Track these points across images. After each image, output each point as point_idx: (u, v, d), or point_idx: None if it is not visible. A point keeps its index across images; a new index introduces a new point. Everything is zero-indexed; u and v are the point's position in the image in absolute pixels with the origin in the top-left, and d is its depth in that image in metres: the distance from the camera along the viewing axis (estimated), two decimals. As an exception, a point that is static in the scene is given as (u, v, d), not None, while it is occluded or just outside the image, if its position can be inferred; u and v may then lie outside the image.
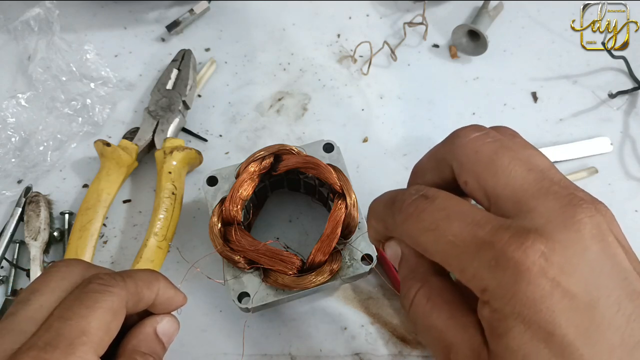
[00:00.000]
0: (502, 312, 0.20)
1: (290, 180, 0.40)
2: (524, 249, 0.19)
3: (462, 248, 0.21)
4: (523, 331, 0.19)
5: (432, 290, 0.24)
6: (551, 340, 0.19)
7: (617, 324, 0.19)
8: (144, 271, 0.28)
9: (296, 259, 0.34)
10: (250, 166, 0.37)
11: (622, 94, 0.47)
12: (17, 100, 0.45)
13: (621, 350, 0.19)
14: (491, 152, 0.23)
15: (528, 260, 0.19)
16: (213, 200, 0.37)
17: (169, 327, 0.28)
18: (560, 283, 0.19)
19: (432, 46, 0.51)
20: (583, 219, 0.20)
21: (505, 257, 0.20)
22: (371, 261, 0.35)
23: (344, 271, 0.35)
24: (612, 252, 0.20)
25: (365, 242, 0.36)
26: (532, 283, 0.19)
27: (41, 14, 0.48)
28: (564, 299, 0.19)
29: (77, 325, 0.23)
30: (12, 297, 0.39)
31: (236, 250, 0.35)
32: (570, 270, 0.20)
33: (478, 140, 0.24)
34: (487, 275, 0.20)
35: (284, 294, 0.35)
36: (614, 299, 0.20)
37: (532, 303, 0.19)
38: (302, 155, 0.38)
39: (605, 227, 0.21)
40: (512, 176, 0.22)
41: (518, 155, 0.23)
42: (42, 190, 0.43)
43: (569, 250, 0.20)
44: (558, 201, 0.21)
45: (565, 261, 0.20)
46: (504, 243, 0.20)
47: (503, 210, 0.22)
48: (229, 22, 0.51)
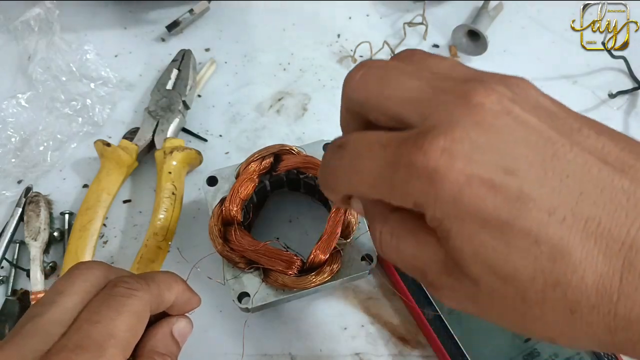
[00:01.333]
0: (436, 218, 0.20)
1: (290, 180, 0.40)
2: (424, 152, 0.19)
3: (382, 179, 0.21)
4: (460, 228, 0.20)
5: (394, 225, 0.24)
6: (488, 225, 0.19)
7: (548, 188, 0.19)
8: (165, 274, 0.29)
9: (296, 259, 0.34)
10: (250, 166, 0.37)
11: (622, 94, 0.47)
12: (17, 100, 0.45)
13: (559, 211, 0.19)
14: (377, 78, 0.23)
15: (431, 161, 0.19)
16: (213, 201, 0.37)
17: (184, 328, 0.29)
18: (473, 172, 0.19)
19: (432, 46, 0.51)
20: (479, 102, 0.20)
21: (414, 166, 0.19)
22: (371, 261, 0.35)
23: (344, 271, 0.35)
24: (522, 121, 0.20)
25: (365, 242, 0.36)
26: (445, 181, 0.19)
27: (41, 14, 0.48)
28: (483, 186, 0.19)
29: (106, 328, 0.23)
30: (12, 297, 0.39)
31: (236, 250, 0.35)
32: (479, 156, 0.19)
33: (364, 75, 0.23)
34: (409, 190, 0.20)
35: (284, 294, 0.35)
36: (538, 166, 0.19)
37: (454, 200, 0.19)
38: (302, 155, 0.38)
39: (507, 100, 0.20)
40: (405, 89, 0.22)
41: (406, 69, 0.23)
42: (42, 191, 0.43)
43: (472, 136, 0.19)
44: (454, 94, 0.20)
45: (471, 148, 0.19)
46: (408, 154, 0.20)
47: (411, 127, 0.21)
48: (229, 22, 0.51)
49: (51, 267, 0.41)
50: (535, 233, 0.19)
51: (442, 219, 0.20)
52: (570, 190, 0.19)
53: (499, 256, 0.19)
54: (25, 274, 0.40)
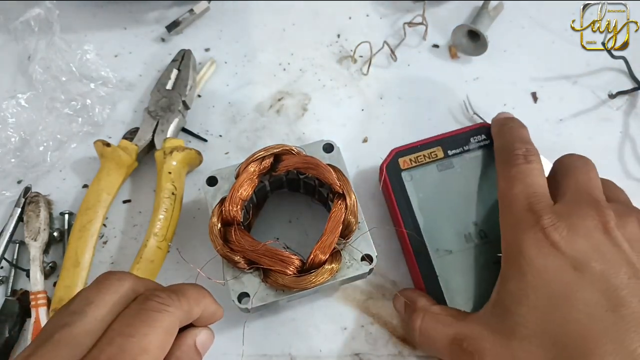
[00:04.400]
0: (509, 260, 0.33)
1: (290, 180, 0.40)
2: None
3: (512, 201, 0.34)
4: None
5: (435, 313, 0.35)
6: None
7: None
8: (194, 288, 0.29)
9: (296, 259, 0.34)
10: (250, 166, 0.37)
11: (622, 94, 0.47)
12: (17, 101, 0.45)
13: None
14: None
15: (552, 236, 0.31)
16: (213, 200, 0.37)
17: (207, 339, 0.30)
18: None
19: (432, 46, 0.51)
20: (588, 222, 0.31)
21: (524, 224, 0.32)
22: (371, 261, 0.35)
23: (344, 271, 0.35)
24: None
25: (365, 242, 0.36)
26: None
27: (41, 14, 0.48)
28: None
29: (139, 343, 0.24)
30: (11, 297, 0.39)
31: (236, 250, 0.35)
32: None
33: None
34: (509, 228, 0.34)
35: (283, 294, 0.35)
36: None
37: (529, 259, 0.32)
38: (302, 156, 0.37)
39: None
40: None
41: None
42: (42, 191, 0.43)
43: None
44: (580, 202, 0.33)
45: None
46: (527, 215, 0.33)
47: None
48: (229, 22, 0.51)
49: (51, 267, 0.41)
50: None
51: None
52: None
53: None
54: (25, 274, 0.40)
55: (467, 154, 0.41)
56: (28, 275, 0.40)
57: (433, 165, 0.40)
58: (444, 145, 0.41)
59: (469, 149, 0.41)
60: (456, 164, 0.40)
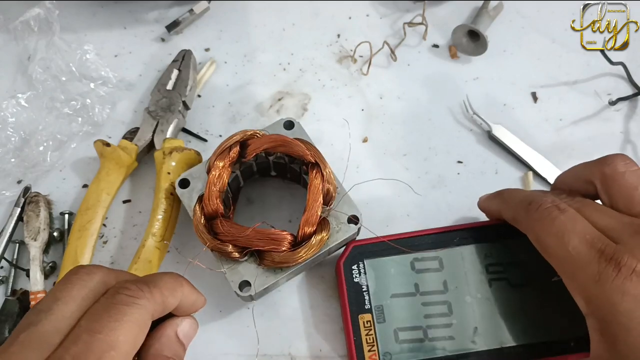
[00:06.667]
0: (605, 320, 0.28)
1: (260, 165, 0.40)
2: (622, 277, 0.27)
3: (575, 258, 0.29)
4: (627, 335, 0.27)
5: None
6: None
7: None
8: (169, 277, 0.28)
9: (287, 234, 0.34)
10: (218, 159, 0.37)
11: (622, 100, 0.47)
12: (17, 100, 0.45)
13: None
14: (632, 183, 0.31)
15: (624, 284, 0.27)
16: (190, 202, 0.37)
17: (190, 329, 0.29)
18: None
19: (432, 46, 0.51)
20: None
21: (605, 275, 0.27)
22: (358, 221, 0.36)
23: (334, 236, 0.36)
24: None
25: (347, 204, 0.37)
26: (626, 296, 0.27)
27: (41, 14, 0.48)
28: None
29: (106, 339, 0.23)
30: (11, 297, 0.39)
31: (226, 240, 0.34)
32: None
33: (626, 174, 0.31)
34: (591, 285, 0.28)
35: (282, 272, 0.35)
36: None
37: (628, 313, 0.27)
38: (268, 136, 0.37)
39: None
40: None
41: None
42: (42, 190, 0.43)
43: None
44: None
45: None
46: (605, 265, 0.27)
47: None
48: (229, 22, 0.51)
49: (51, 267, 0.41)
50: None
51: (609, 323, 0.27)
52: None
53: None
54: (24, 274, 0.40)
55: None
56: (28, 275, 0.40)
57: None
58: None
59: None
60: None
